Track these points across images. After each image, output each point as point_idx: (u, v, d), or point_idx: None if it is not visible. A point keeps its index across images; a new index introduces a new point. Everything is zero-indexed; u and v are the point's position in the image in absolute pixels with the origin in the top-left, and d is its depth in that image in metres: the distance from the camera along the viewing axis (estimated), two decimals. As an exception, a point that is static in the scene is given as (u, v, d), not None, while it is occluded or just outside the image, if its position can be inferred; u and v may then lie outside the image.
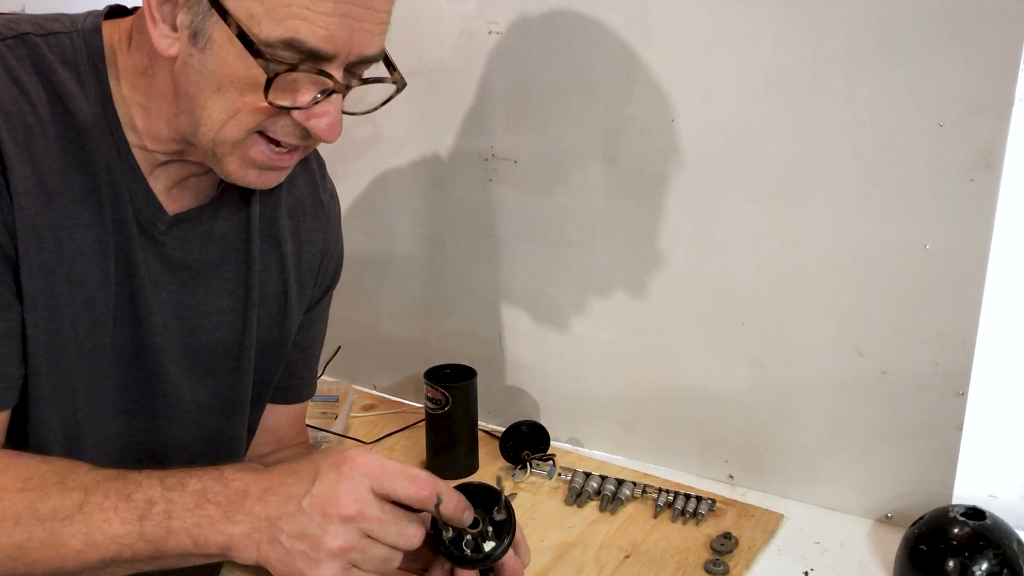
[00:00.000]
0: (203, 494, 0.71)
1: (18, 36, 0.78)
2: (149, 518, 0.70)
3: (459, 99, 1.36)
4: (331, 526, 0.69)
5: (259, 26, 0.71)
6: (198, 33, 0.73)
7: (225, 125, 0.76)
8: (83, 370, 0.82)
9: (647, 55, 1.19)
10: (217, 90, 0.74)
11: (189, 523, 0.70)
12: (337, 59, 0.74)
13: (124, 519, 0.70)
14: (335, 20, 0.71)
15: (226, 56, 0.73)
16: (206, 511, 0.70)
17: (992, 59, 0.99)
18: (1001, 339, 1.08)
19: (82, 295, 0.80)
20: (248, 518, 0.70)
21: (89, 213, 0.80)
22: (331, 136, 0.77)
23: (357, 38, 0.73)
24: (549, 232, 1.35)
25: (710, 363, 1.27)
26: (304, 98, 0.75)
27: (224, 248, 0.91)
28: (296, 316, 1.00)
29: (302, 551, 0.69)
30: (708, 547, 1.14)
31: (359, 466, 0.70)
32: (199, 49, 0.74)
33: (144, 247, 0.84)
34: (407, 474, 0.71)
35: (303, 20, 0.70)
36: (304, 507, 0.69)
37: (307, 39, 0.71)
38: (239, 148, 0.78)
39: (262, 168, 0.80)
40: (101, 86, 0.80)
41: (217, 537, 0.70)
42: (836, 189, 1.12)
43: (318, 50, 0.72)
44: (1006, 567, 0.99)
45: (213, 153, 0.78)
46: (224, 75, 0.74)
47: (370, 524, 0.69)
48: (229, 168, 0.79)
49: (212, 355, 0.92)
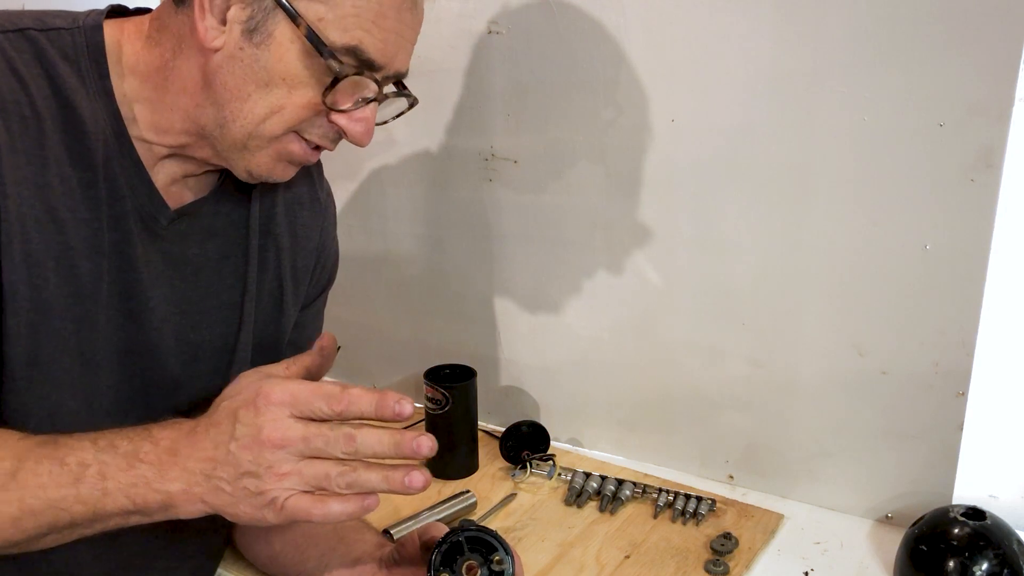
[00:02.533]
0: (135, 455, 0.72)
1: (19, 30, 0.78)
2: (84, 481, 0.70)
3: (459, 99, 1.36)
4: (264, 457, 0.70)
5: (325, 31, 0.75)
6: (257, 29, 0.76)
7: (266, 120, 0.79)
8: (71, 365, 0.82)
9: (647, 55, 1.19)
10: (265, 85, 0.78)
11: (124, 483, 0.71)
12: (383, 72, 0.79)
13: (59, 483, 0.70)
14: (392, 36, 0.78)
15: (285, 54, 0.76)
16: (139, 471, 0.71)
17: (992, 59, 0.99)
18: (1001, 339, 1.08)
19: (70, 290, 0.80)
20: (183, 474, 0.71)
21: (85, 207, 0.80)
22: (365, 140, 0.82)
23: (401, 55, 0.81)
24: (548, 232, 1.35)
25: (710, 363, 1.27)
26: (347, 103, 0.80)
27: (224, 243, 0.91)
28: (292, 312, 1.00)
29: (245, 488, 0.70)
30: (708, 547, 1.14)
31: (274, 396, 0.71)
32: (254, 44, 0.77)
33: (144, 242, 0.85)
34: (321, 392, 0.71)
35: (367, 32, 0.76)
36: (232, 450, 0.70)
37: (368, 49, 0.77)
38: (275, 143, 0.81)
39: (290, 163, 0.84)
40: (102, 81, 0.80)
41: (155, 496, 0.71)
42: (836, 189, 1.12)
43: (374, 61, 0.78)
44: (1006, 567, 0.99)
45: (245, 145, 0.81)
46: (277, 71, 0.77)
47: (298, 445, 0.70)
48: (258, 160, 0.82)
49: (210, 351, 0.92)
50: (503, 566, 0.78)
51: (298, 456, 0.70)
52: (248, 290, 0.93)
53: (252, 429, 0.70)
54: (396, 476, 0.71)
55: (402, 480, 0.71)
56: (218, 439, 0.71)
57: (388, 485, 0.71)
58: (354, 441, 0.70)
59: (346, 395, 0.71)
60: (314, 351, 0.82)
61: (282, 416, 0.70)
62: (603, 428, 1.40)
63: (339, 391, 0.71)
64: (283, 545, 0.99)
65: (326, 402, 0.71)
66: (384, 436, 0.72)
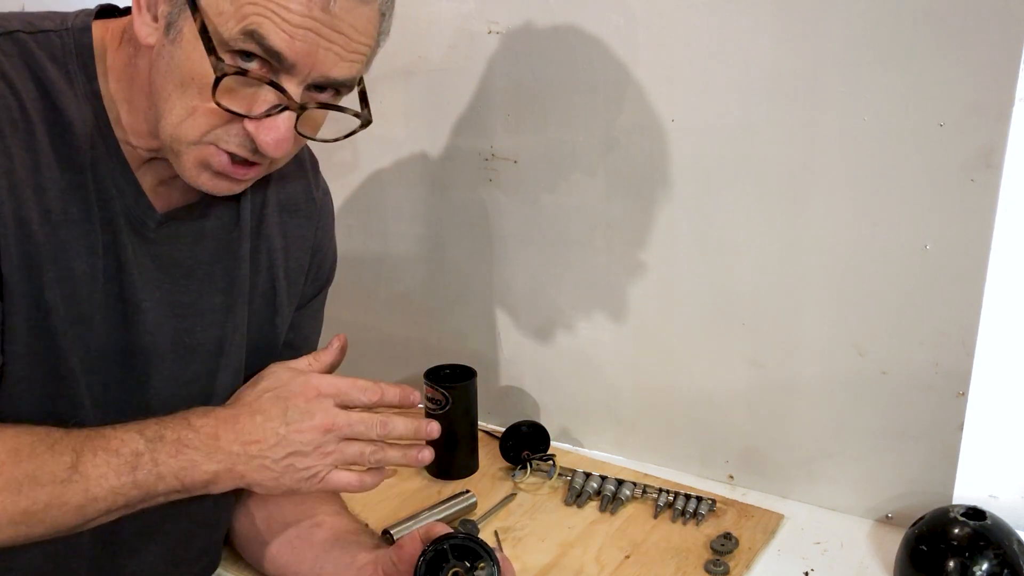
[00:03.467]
0: (180, 442, 0.80)
1: (7, 33, 0.78)
2: (140, 468, 0.78)
3: (459, 99, 1.36)
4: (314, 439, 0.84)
5: (225, 23, 0.71)
6: (171, 25, 0.74)
7: (183, 122, 0.76)
8: (70, 364, 0.82)
9: (647, 55, 1.19)
10: (180, 85, 0.75)
11: (175, 467, 0.80)
12: (297, 72, 0.74)
13: (118, 472, 0.78)
14: (300, 31, 0.71)
15: (192, 52, 0.73)
16: (187, 455, 0.80)
17: (992, 59, 0.99)
18: (1001, 339, 1.08)
19: (68, 290, 0.80)
20: (227, 456, 0.81)
21: (77, 209, 0.80)
22: (275, 152, 0.77)
23: (322, 56, 0.73)
24: (549, 232, 1.35)
25: (710, 363, 1.27)
26: (258, 109, 0.75)
27: (215, 246, 0.91)
28: (286, 314, 1.00)
29: (291, 465, 0.83)
30: (708, 547, 1.14)
31: (323, 389, 0.85)
32: (170, 41, 0.74)
33: (134, 245, 0.84)
34: (357, 386, 0.87)
35: (267, 18, 0.71)
36: (283, 434, 0.83)
37: (268, 34, 0.71)
38: (195, 148, 0.78)
39: (215, 173, 0.80)
40: (90, 84, 0.80)
41: (202, 475, 0.81)
42: (836, 189, 1.12)
43: (277, 50, 0.72)
44: (1006, 567, 0.99)
45: (172, 148, 0.78)
46: (187, 71, 0.74)
47: (344, 430, 0.85)
48: (184, 166, 0.79)
49: (203, 353, 0.92)
50: (487, 572, 0.82)
51: (340, 438, 0.85)
52: (240, 292, 0.93)
53: (305, 415, 0.84)
54: (412, 453, 0.89)
55: (416, 455, 0.90)
56: (266, 424, 0.83)
57: (407, 460, 0.89)
58: (387, 426, 0.87)
59: (378, 389, 0.88)
60: (334, 348, 0.94)
61: (330, 405, 0.85)
62: (603, 428, 1.40)
63: (373, 385, 0.87)
64: (280, 547, 0.99)
65: (364, 394, 0.87)
66: (409, 422, 0.89)
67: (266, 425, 0.83)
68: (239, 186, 0.83)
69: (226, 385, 0.94)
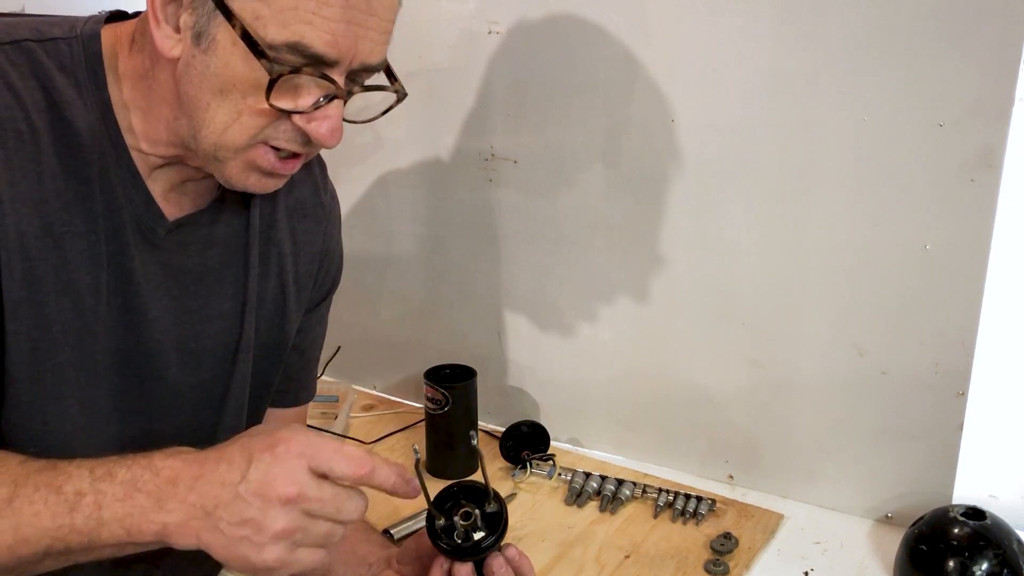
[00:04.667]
0: (133, 484, 0.70)
1: (15, 42, 0.77)
2: (79, 510, 0.69)
3: (459, 99, 1.36)
4: (271, 510, 0.68)
5: (264, 28, 0.71)
6: (202, 34, 0.73)
7: (228, 129, 0.76)
8: (75, 378, 0.82)
9: (647, 55, 1.19)
10: (220, 93, 0.74)
11: (120, 513, 0.69)
12: (340, 65, 0.74)
13: (54, 512, 0.69)
14: (341, 26, 0.71)
15: (229, 58, 0.73)
16: (136, 501, 0.69)
17: (992, 59, 0.99)
18: (1001, 339, 1.08)
19: (70, 303, 0.79)
20: (181, 506, 0.69)
21: (82, 221, 0.79)
22: (332, 141, 0.76)
23: (361, 45, 0.73)
24: (549, 232, 1.35)
25: (710, 363, 1.27)
26: (306, 102, 0.75)
27: (224, 252, 0.91)
28: (295, 318, 0.99)
29: (244, 536, 0.68)
30: (708, 547, 1.14)
31: (293, 447, 0.69)
32: (202, 51, 0.74)
33: (143, 253, 0.84)
34: (343, 453, 0.70)
35: (309, 24, 0.70)
36: (241, 493, 0.68)
37: (312, 43, 0.71)
38: (242, 153, 0.77)
39: (263, 173, 0.80)
40: (99, 92, 0.79)
41: (150, 526, 0.69)
42: (836, 189, 1.12)
43: (322, 55, 0.72)
44: (1006, 567, 0.99)
45: (215, 157, 0.78)
46: (227, 77, 0.73)
47: (311, 504, 0.68)
48: (230, 172, 0.79)
49: (211, 359, 0.92)
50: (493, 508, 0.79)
51: (303, 514, 0.69)
52: (249, 298, 0.93)
53: (266, 475, 0.68)
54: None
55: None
56: (227, 477, 0.69)
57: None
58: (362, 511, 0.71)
59: (369, 462, 0.70)
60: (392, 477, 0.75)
61: (299, 469, 0.68)
62: (603, 428, 1.40)
63: (364, 456, 0.70)
64: None
65: (349, 465, 0.69)
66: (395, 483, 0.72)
67: (226, 477, 0.69)
68: (283, 181, 0.83)
69: (236, 390, 0.94)
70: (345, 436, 1.44)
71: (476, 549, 0.78)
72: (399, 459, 1.39)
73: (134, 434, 0.88)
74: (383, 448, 1.43)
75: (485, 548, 0.78)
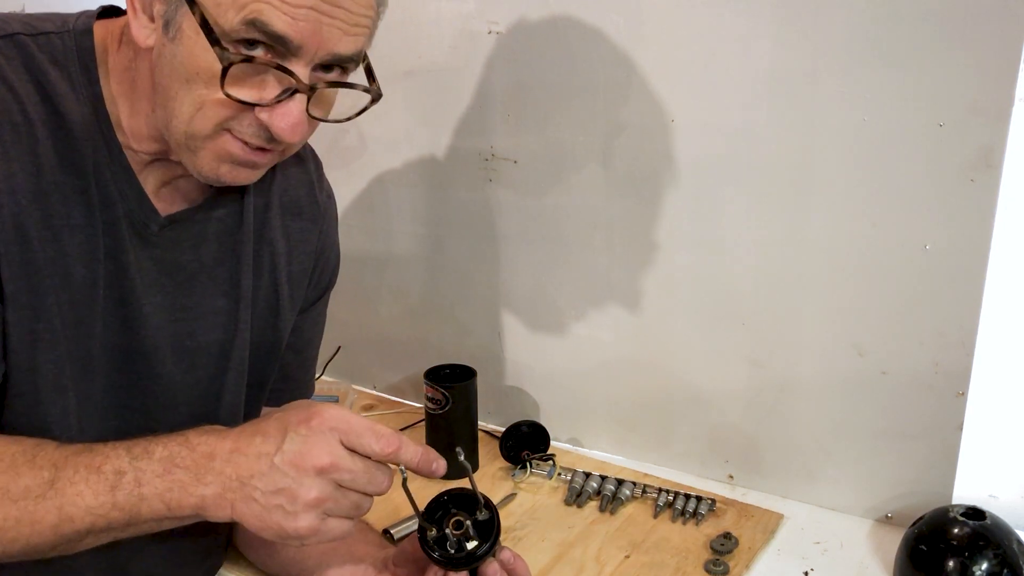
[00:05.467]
0: (170, 460, 0.73)
1: (8, 36, 0.77)
2: (120, 488, 0.72)
3: (459, 99, 1.36)
4: (306, 479, 0.71)
5: (224, 15, 0.70)
6: (170, 23, 0.73)
7: (192, 118, 0.75)
8: (73, 371, 0.82)
9: (647, 55, 1.19)
10: (186, 82, 0.74)
11: (160, 488, 0.72)
12: (303, 54, 0.72)
13: (96, 491, 0.72)
14: (302, 10, 0.70)
15: (193, 47, 0.72)
16: (175, 476, 0.72)
17: (992, 59, 0.99)
18: (1001, 339, 1.08)
19: (67, 296, 0.80)
20: (218, 479, 0.72)
21: (79, 213, 0.79)
22: (293, 137, 0.75)
23: (326, 33, 0.72)
24: (549, 232, 1.35)
25: (710, 363, 1.27)
26: (267, 95, 0.74)
27: (217, 249, 0.91)
28: (289, 316, 0.99)
29: (278, 504, 0.72)
30: (708, 547, 1.14)
31: (328, 421, 0.73)
32: (170, 39, 0.73)
33: (136, 248, 0.84)
34: (374, 430, 0.74)
35: (267, 3, 0.69)
36: (277, 464, 0.72)
37: (270, 20, 0.70)
38: (210, 142, 0.76)
39: (235, 163, 0.78)
40: (92, 87, 0.79)
41: (189, 499, 0.72)
42: (836, 189, 1.12)
43: (282, 34, 0.70)
44: (1006, 567, 0.99)
45: (187, 147, 0.77)
46: (191, 66, 0.73)
47: (343, 475, 0.72)
48: (202, 163, 0.78)
49: (206, 356, 0.92)
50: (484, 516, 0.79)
51: (335, 485, 0.73)
52: (243, 295, 0.93)
53: (301, 447, 0.72)
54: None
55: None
56: (263, 449, 0.73)
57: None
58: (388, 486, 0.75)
59: (396, 440, 0.74)
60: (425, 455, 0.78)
61: (333, 441, 0.72)
62: (603, 428, 1.40)
63: (391, 435, 0.74)
64: (284, 545, 0.99)
65: (378, 441, 0.73)
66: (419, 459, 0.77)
67: (262, 448, 0.73)
68: (257, 173, 0.81)
69: (232, 388, 0.94)
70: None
71: (470, 559, 0.78)
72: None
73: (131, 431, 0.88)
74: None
75: (479, 557, 0.78)
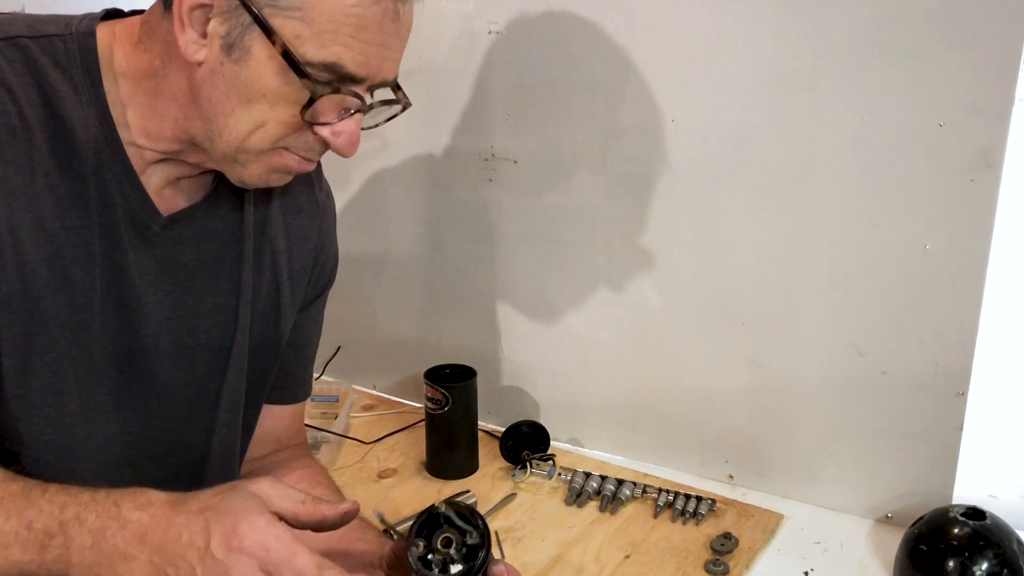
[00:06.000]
0: (101, 533, 0.72)
1: (10, 39, 0.78)
2: (49, 550, 0.71)
3: (459, 99, 1.36)
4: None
5: (303, 47, 0.74)
6: (235, 45, 0.75)
7: (251, 135, 0.78)
8: (74, 373, 0.82)
9: (647, 55, 1.19)
10: (247, 101, 0.77)
11: (89, 560, 0.71)
12: (366, 83, 0.78)
13: (25, 548, 0.71)
14: (374, 48, 0.76)
15: (263, 71, 0.75)
16: (103, 550, 0.71)
17: (992, 59, 0.99)
18: (1001, 339, 1.08)
19: (65, 299, 0.80)
20: (146, 566, 0.71)
21: (75, 216, 0.80)
22: (351, 151, 0.81)
23: (386, 65, 0.78)
24: (549, 232, 1.35)
25: (710, 363, 1.27)
26: (330, 115, 0.78)
27: (218, 247, 0.91)
28: (290, 314, 1.00)
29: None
30: (708, 547, 1.14)
31: (247, 545, 0.70)
32: (233, 60, 0.75)
33: (137, 248, 0.84)
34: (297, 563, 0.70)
35: (346, 47, 0.74)
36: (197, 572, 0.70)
37: (347, 64, 0.75)
38: (264, 157, 0.81)
39: (285, 172, 0.84)
40: (95, 89, 0.80)
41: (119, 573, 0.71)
42: (836, 189, 1.12)
43: (354, 74, 0.76)
44: (1006, 567, 0.99)
45: (235, 159, 0.80)
46: (257, 88, 0.76)
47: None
48: (251, 172, 0.82)
49: (207, 354, 0.92)
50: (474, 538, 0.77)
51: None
52: (243, 293, 0.93)
53: (219, 568, 0.70)
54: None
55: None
56: (187, 553, 0.71)
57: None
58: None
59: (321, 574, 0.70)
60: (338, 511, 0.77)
61: (251, 567, 0.70)
62: (603, 428, 1.40)
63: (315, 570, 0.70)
64: None
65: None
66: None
67: (186, 552, 0.71)
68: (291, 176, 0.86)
69: (232, 386, 0.94)
70: (345, 436, 1.44)
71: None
72: (398, 459, 1.39)
73: (132, 431, 0.89)
74: (383, 448, 1.43)
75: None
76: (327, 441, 1.40)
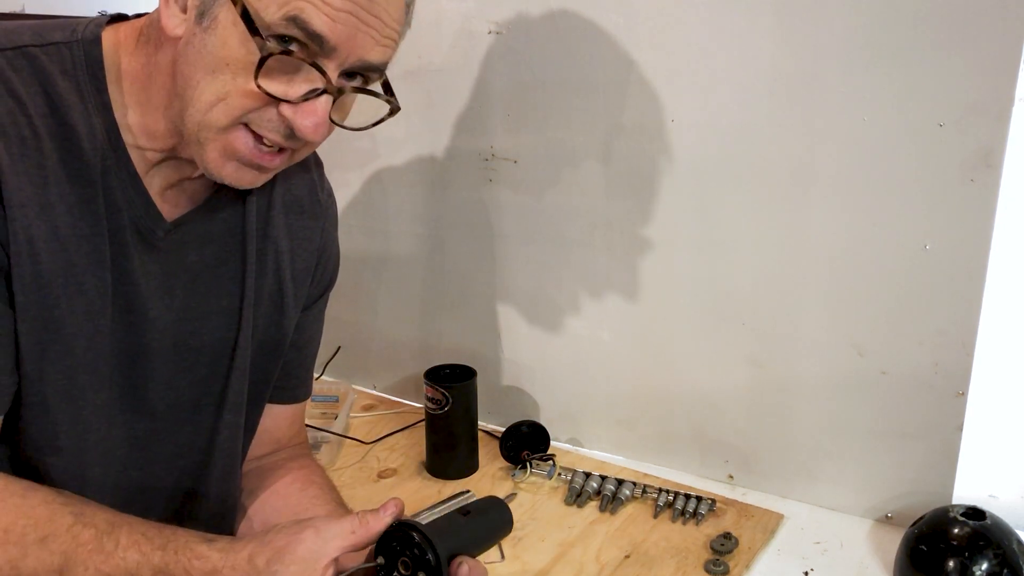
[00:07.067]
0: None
1: (18, 48, 0.78)
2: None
3: (459, 99, 1.36)
4: None
5: (266, 9, 0.72)
6: (205, 13, 0.74)
7: (212, 108, 0.75)
8: (87, 379, 0.82)
9: (647, 55, 1.19)
10: (212, 71, 0.75)
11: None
12: (335, 56, 0.74)
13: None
14: (342, 14, 0.72)
15: (228, 37, 0.73)
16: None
17: (992, 59, 0.99)
18: (1001, 339, 1.08)
19: (81, 306, 0.80)
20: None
21: (86, 223, 0.80)
22: (315, 136, 0.76)
23: (360, 39, 0.74)
24: (549, 232, 1.35)
25: (710, 363, 1.27)
26: (295, 92, 0.75)
27: (221, 249, 0.91)
28: (293, 314, 1.00)
29: None
30: (708, 547, 1.14)
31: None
32: (203, 29, 0.74)
33: (142, 254, 0.84)
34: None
35: (309, 2, 0.71)
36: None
37: (310, 19, 0.72)
38: (222, 135, 0.77)
39: (241, 163, 0.79)
40: (100, 95, 0.80)
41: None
42: (836, 189, 1.12)
43: (320, 33, 0.72)
44: (1006, 567, 0.99)
45: (197, 139, 0.78)
46: (221, 56, 0.74)
47: None
48: (209, 156, 0.78)
49: (211, 356, 0.92)
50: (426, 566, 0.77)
51: None
52: (246, 294, 0.93)
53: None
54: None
55: None
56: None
57: None
58: None
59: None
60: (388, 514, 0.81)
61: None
62: (603, 428, 1.40)
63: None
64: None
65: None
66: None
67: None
68: (262, 178, 0.82)
69: (236, 387, 0.94)
70: (345, 436, 1.44)
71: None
72: (398, 459, 1.40)
73: (139, 433, 0.89)
74: (383, 448, 1.43)
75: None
76: (327, 441, 1.40)
